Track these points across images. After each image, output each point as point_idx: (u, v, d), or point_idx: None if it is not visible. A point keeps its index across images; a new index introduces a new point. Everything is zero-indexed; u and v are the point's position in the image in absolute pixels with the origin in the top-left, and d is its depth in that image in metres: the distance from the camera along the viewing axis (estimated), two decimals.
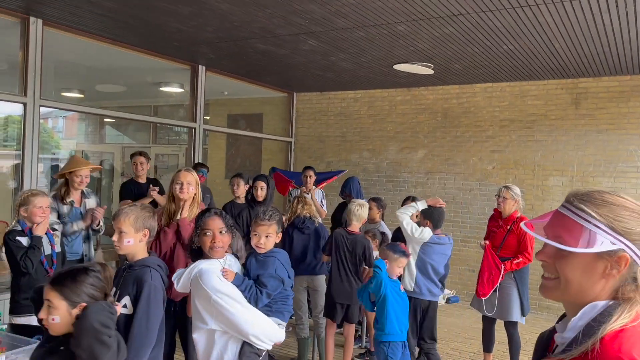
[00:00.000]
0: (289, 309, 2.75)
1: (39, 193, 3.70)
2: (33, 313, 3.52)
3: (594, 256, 1.11)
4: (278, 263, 2.69)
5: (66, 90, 7.79)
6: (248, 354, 2.51)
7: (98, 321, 1.84)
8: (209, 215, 2.69)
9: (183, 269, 2.66)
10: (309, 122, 9.28)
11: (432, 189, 7.95)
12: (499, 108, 7.61)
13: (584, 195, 1.15)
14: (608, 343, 1.03)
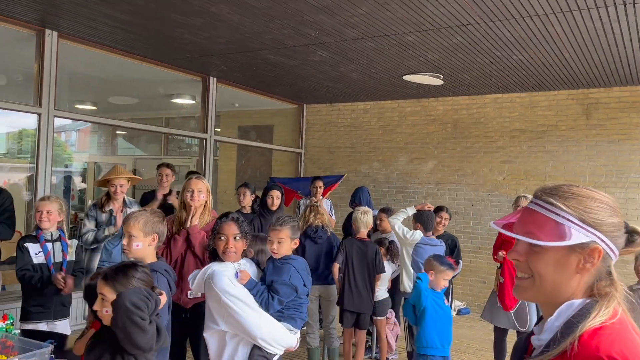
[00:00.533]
0: (301, 316, 2.74)
1: (45, 197, 3.75)
2: (41, 320, 3.59)
3: (567, 250, 1.07)
4: (293, 270, 2.69)
5: (79, 103, 7.91)
6: (257, 357, 2.52)
7: (130, 301, 1.92)
8: (225, 220, 2.73)
9: (199, 270, 2.69)
10: (319, 134, 9.32)
11: (443, 199, 7.91)
12: (509, 119, 7.60)
13: (551, 189, 1.12)
14: (586, 341, 0.99)
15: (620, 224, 1.10)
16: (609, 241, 1.07)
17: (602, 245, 1.06)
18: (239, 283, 2.60)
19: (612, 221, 1.08)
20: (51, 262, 3.66)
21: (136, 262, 2.23)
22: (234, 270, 2.64)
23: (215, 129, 7.62)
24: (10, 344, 2.84)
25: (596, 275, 1.08)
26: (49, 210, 3.65)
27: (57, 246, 3.71)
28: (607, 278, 1.09)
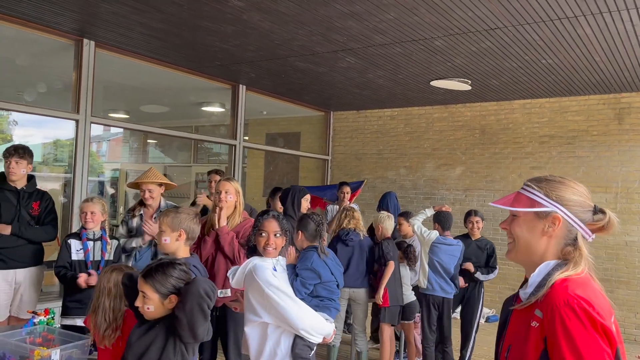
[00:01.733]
0: (335, 306, 2.80)
1: (89, 199, 3.90)
2: (78, 315, 3.72)
3: (534, 216, 1.45)
4: (316, 256, 2.76)
5: (112, 112, 8.15)
6: (301, 346, 2.58)
7: (203, 289, 2.02)
8: (266, 217, 2.79)
9: (238, 266, 2.77)
10: (346, 140, 9.38)
11: (471, 206, 7.86)
12: (539, 124, 7.54)
13: (535, 178, 1.52)
14: (557, 286, 1.34)
15: (584, 203, 1.44)
16: (569, 213, 1.43)
17: (562, 215, 1.42)
18: (279, 276, 2.67)
19: (573, 198, 1.44)
20: (89, 260, 3.79)
21: (174, 260, 2.30)
22: (272, 265, 2.71)
23: (243, 137, 7.75)
24: (51, 337, 2.96)
25: (562, 240, 1.43)
26: (93, 211, 3.80)
27: (97, 245, 3.84)
28: (573, 244, 1.43)
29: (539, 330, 1.32)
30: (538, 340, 1.31)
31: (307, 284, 2.70)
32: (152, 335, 2.14)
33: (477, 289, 5.11)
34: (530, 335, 1.33)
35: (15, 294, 4.05)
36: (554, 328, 1.28)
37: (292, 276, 2.76)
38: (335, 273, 2.82)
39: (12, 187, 4.04)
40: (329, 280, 2.77)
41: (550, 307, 1.30)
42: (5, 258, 3.93)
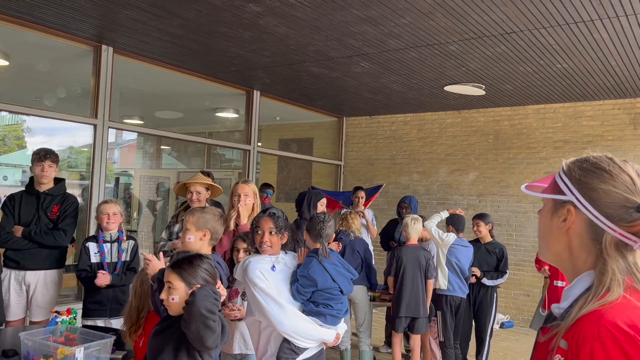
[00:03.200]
0: (332, 313, 2.76)
1: (108, 201, 3.97)
2: (99, 317, 3.77)
3: (552, 208, 1.13)
4: (315, 263, 2.76)
5: (127, 117, 8.24)
6: (285, 349, 2.60)
7: (205, 307, 1.99)
8: (262, 215, 2.84)
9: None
10: (359, 146, 9.40)
11: (484, 211, 7.82)
12: (553, 129, 7.51)
13: (575, 158, 1.16)
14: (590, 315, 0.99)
15: (621, 197, 1.05)
16: (589, 205, 1.07)
17: (579, 206, 1.08)
18: (273, 276, 2.69)
19: (603, 187, 1.06)
20: (105, 261, 3.84)
21: (201, 254, 2.33)
22: (271, 263, 2.74)
23: (257, 142, 7.81)
24: (73, 337, 3.00)
25: (587, 241, 1.08)
26: (115, 212, 3.86)
27: (114, 247, 3.89)
28: (594, 246, 1.07)
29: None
30: None
31: (303, 291, 2.71)
32: (168, 335, 2.15)
33: (490, 293, 5.09)
34: None
35: (27, 295, 4.09)
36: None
37: (294, 279, 2.77)
38: (338, 279, 2.80)
39: (35, 190, 4.10)
40: (327, 287, 2.75)
41: (576, 339, 0.98)
42: (17, 259, 3.99)
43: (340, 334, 2.82)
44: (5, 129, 9.22)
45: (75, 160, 9.14)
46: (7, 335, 3.40)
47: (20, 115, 8.14)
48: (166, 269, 2.25)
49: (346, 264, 2.93)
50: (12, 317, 4.04)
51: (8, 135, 9.32)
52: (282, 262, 2.80)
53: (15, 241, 3.96)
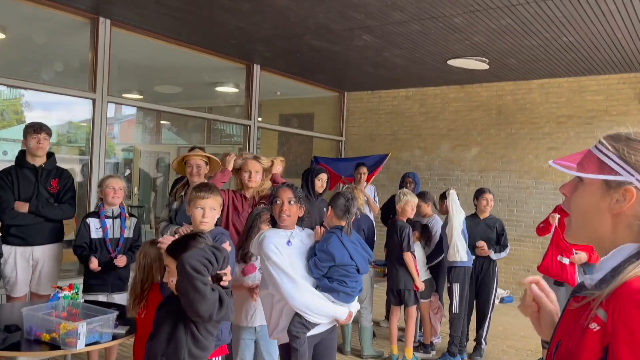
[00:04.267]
0: (345, 290, 2.75)
1: (113, 176, 3.94)
2: (100, 292, 3.77)
3: (603, 186, 1.09)
4: (334, 238, 2.76)
5: (126, 92, 8.15)
6: (296, 323, 2.62)
7: (190, 265, 1.95)
8: (281, 186, 2.85)
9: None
10: (360, 121, 9.33)
11: (486, 187, 7.82)
12: (557, 104, 7.43)
13: (610, 134, 1.13)
14: (632, 283, 0.99)
15: None
16: None
17: (638, 185, 1.05)
18: (287, 251, 2.68)
19: None
20: (108, 237, 3.82)
21: (196, 233, 2.31)
22: (286, 238, 2.72)
23: (257, 117, 7.73)
24: (75, 312, 3.00)
25: (636, 221, 1.07)
26: (120, 187, 3.83)
27: (116, 223, 3.87)
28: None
29: (599, 336, 1.01)
30: (596, 347, 1.01)
31: (320, 266, 2.70)
32: (170, 309, 2.16)
33: (492, 268, 5.09)
34: (586, 339, 1.03)
35: (33, 270, 4.09)
36: (620, 338, 0.97)
37: (311, 256, 2.76)
38: (356, 257, 2.80)
39: (31, 164, 4.05)
40: (345, 264, 2.75)
41: (619, 310, 0.98)
42: (23, 235, 3.97)
43: (353, 313, 2.82)
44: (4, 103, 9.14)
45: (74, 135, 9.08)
46: (11, 311, 3.40)
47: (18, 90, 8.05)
48: (164, 253, 2.25)
49: (364, 244, 2.93)
50: (18, 293, 4.05)
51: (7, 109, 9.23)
52: (298, 238, 2.78)
53: (23, 217, 3.94)
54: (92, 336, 2.73)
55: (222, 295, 2.07)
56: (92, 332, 2.73)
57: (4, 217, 3.91)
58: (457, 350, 4.88)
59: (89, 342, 2.71)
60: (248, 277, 3.19)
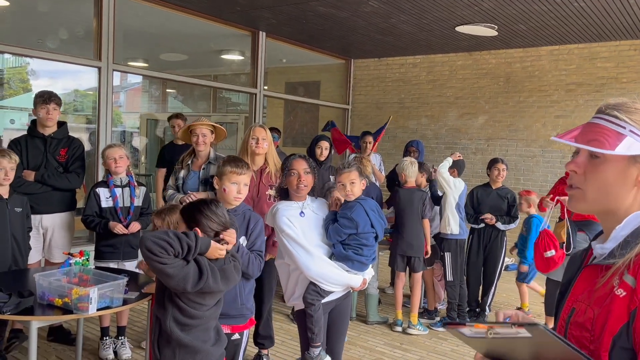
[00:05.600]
0: (360, 259, 2.79)
1: (112, 145, 3.92)
2: (111, 259, 3.84)
3: (627, 161, 1.07)
4: (358, 207, 2.78)
5: (132, 60, 8.11)
6: (311, 291, 2.68)
7: (145, 245, 1.97)
8: (294, 157, 2.85)
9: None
10: (366, 89, 9.25)
11: (493, 155, 7.76)
12: (566, 72, 7.33)
13: (616, 104, 1.11)
14: None
15: None
16: None
17: None
18: (300, 222, 2.71)
19: None
20: (118, 206, 3.86)
21: (211, 200, 2.33)
22: (299, 209, 2.75)
23: (263, 86, 7.69)
24: (86, 278, 3.06)
25: None
26: (121, 156, 3.84)
27: (125, 191, 3.90)
28: None
29: (625, 301, 1.02)
30: (622, 313, 1.02)
31: (342, 233, 2.73)
32: None
33: (500, 237, 5.12)
34: (613, 305, 1.04)
35: (44, 238, 4.16)
36: None
37: (329, 222, 2.79)
38: (376, 225, 2.84)
39: (40, 134, 4.07)
40: (365, 232, 2.79)
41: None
42: (32, 204, 3.99)
43: (367, 280, 2.87)
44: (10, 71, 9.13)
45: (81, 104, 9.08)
46: (24, 277, 3.48)
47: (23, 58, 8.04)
48: (178, 215, 2.30)
49: (381, 211, 2.96)
50: (30, 260, 4.12)
51: (13, 78, 9.23)
52: (310, 208, 2.81)
53: (29, 185, 3.98)
54: (103, 301, 2.80)
55: (202, 266, 2.06)
56: (103, 297, 2.80)
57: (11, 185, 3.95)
58: (456, 315, 4.97)
59: (100, 307, 2.78)
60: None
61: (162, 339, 2.15)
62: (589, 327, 1.07)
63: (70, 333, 4.24)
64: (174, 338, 2.12)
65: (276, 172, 3.67)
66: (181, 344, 2.13)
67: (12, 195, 3.60)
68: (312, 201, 2.84)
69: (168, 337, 2.13)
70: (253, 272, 2.62)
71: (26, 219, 3.73)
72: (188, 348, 2.14)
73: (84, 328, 4.09)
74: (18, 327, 4.01)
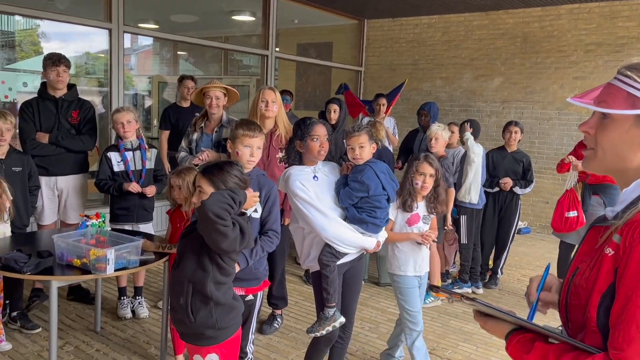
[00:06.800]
0: (374, 222, 2.79)
1: (121, 109, 3.90)
2: (126, 222, 3.88)
3: (634, 121, 1.07)
4: (368, 169, 2.76)
5: (142, 22, 8.01)
6: (326, 253, 2.69)
7: (212, 212, 1.98)
8: (315, 121, 2.76)
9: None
10: (380, 50, 9.09)
11: (508, 118, 7.64)
12: (586, 31, 7.13)
13: (632, 64, 1.11)
14: None
15: None
16: None
17: None
18: (313, 186, 2.70)
19: None
20: (130, 169, 3.89)
21: (232, 161, 2.35)
22: (312, 173, 2.74)
23: (275, 47, 7.57)
24: (103, 239, 3.11)
25: None
26: (129, 120, 3.83)
27: (137, 154, 3.91)
28: None
29: (612, 260, 1.04)
30: (609, 271, 1.04)
31: (353, 196, 2.72)
32: (192, 239, 2.21)
33: (514, 201, 5.09)
34: (602, 264, 1.06)
35: (59, 200, 4.21)
36: (629, 257, 1.00)
37: (340, 186, 2.78)
38: (387, 187, 2.82)
39: (51, 96, 4.07)
40: (377, 195, 2.77)
41: (631, 233, 1.01)
42: (46, 166, 4.04)
43: (380, 242, 2.87)
44: (21, 34, 9.07)
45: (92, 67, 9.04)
46: (42, 238, 3.55)
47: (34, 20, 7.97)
48: (197, 174, 2.29)
49: (392, 173, 2.92)
50: (46, 221, 4.19)
51: (24, 40, 9.18)
52: (322, 172, 2.79)
53: (43, 147, 4.01)
54: (120, 262, 2.85)
55: (243, 227, 2.12)
56: (120, 258, 2.84)
57: (25, 147, 3.99)
58: (468, 278, 5.00)
59: (118, 268, 2.83)
60: (413, 227, 3.19)
61: (197, 301, 2.16)
62: (584, 285, 1.10)
63: (89, 292, 4.35)
64: (214, 298, 2.16)
65: (286, 134, 3.64)
66: (219, 303, 2.17)
67: (10, 155, 3.63)
68: (323, 165, 2.82)
69: (205, 299, 2.16)
70: (270, 250, 2.72)
71: (29, 178, 3.77)
72: (224, 306, 2.20)
73: (102, 288, 4.19)
74: (38, 286, 4.11)
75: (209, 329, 2.18)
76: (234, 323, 2.27)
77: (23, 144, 4.02)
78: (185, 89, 5.50)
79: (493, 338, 3.98)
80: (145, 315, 4.07)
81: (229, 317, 2.22)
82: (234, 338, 2.29)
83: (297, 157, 2.78)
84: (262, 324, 3.93)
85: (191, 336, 2.24)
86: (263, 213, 2.67)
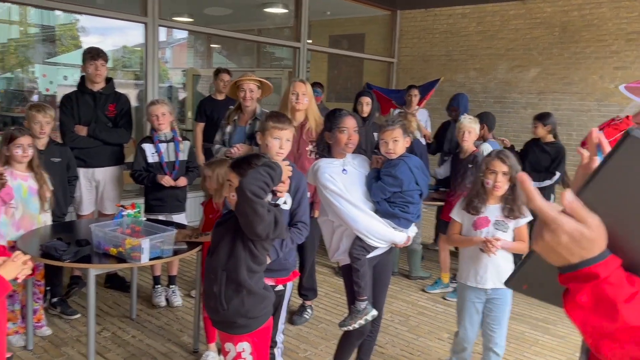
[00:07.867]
0: (406, 217, 2.76)
1: (155, 102, 3.99)
2: (160, 212, 3.97)
3: None
4: (402, 164, 2.73)
5: (177, 15, 8.13)
6: (357, 246, 2.68)
7: (250, 190, 2.01)
8: (344, 114, 2.75)
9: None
10: (413, 42, 8.98)
11: (544, 110, 7.47)
12: (627, 20, 6.88)
13: None
14: None
15: None
16: None
17: None
18: (343, 179, 2.70)
19: None
20: (164, 161, 3.97)
21: (260, 154, 2.38)
22: (341, 166, 2.73)
23: (307, 40, 7.57)
24: (138, 229, 3.20)
25: None
26: (164, 113, 3.90)
27: (170, 146, 3.99)
28: None
29: None
30: None
31: (386, 190, 2.70)
32: (226, 228, 2.26)
33: (546, 195, 4.96)
34: None
35: (97, 191, 4.33)
36: None
37: (372, 180, 2.76)
38: (421, 182, 2.79)
39: (89, 90, 4.18)
40: (410, 190, 2.75)
41: None
42: (84, 158, 4.16)
43: (410, 237, 2.86)
44: (61, 28, 9.33)
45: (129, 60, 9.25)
46: (80, 227, 3.67)
47: (73, 15, 8.18)
48: (227, 168, 2.34)
49: (424, 168, 2.90)
50: (85, 211, 4.33)
51: (64, 34, 9.44)
52: (351, 165, 2.78)
53: (81, 140, 4.13)
54: (155, 251, 2.92)
55: (277, 215, 2.15)
56: (155, 248, 2.92)
57: (65, 139, 4.12)
58: None
59: (152, 257, 2.90)
60: (480, 232, 2.83)
61: (230, 290, 2.20)
62: None
63: (125, 280, 4.47)
64: (246, 287, 2.19)
65: (316, 127, 3.64)
66: (251, 292, 2.21)
67: (49, 147, 3.74)
68: (352, 158, 2.81)
69: (238, 287, 2.20)
70: (299, 241, 2.74)
71: (68, 169, 3.89)
72: (256, 296, 2.24)
73: (138, 276, 4.30)
74: (77, 274, 4.25)
75: (241, 317, 2.22)
76: (265, 312, 2.31)
77: (63, 136, 4.16)
78: (221, 82, 5.54)
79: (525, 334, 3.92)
80: (179, 303, 4.17)
81: (260, 307, 2.26)
82: (265, 327, 2.33)
83: (326, 148, 2.78)
84: (292, 314, 3.97)
85: (223, 324, 2.29)
86: (292, 205, 2.68)
